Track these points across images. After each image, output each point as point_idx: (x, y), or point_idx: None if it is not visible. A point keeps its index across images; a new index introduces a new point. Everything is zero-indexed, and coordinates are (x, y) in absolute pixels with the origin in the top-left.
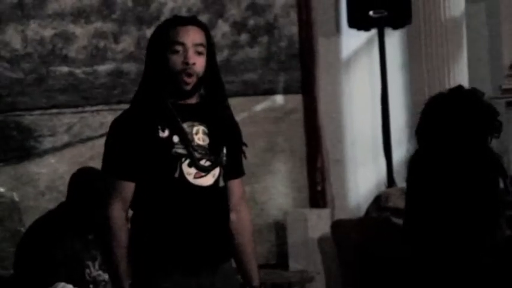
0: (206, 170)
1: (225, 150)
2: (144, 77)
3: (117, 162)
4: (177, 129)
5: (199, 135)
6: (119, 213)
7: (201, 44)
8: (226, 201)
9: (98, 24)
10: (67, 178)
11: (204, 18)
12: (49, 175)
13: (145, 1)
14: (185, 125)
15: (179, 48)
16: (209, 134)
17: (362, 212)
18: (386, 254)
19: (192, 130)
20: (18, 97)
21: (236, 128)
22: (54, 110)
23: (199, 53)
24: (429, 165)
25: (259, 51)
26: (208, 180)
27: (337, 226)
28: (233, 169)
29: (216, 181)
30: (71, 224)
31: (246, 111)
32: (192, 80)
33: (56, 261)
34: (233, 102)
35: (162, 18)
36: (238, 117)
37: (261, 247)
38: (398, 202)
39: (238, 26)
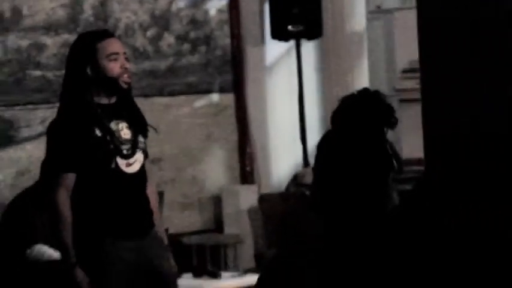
0: (130, 157)
1: (142, 139)
2: (76, 82)
3: (60, 158)
4: (107, 130)
5: (124, 131)
6: (64, 199)
7: (125, 52)
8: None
9: (66, 36)
10: (40, 161)
11: (153, 31)
12: (27, 159)
13: (104, 17)
14: (112, 124)
15: (115, 57)
16: (130, 128)
17: (283, 188)
18: (302, 222)
19: (118, 127)
20: (0, 96)
21: (144, 120)
22: (30, 106)
23: (126, 59)
24: (333, 146)
25: (198, 58)
26: (136, 167)
27: (263, 199)
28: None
29: (142, 166)
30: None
31: (188, 107)
32: (131, 79)
33: (35, 227)
34: (178, 100)
35: (118, 31)
36: (182, 112)
37: (201, 216)
38: (312, 180)
39: (181, 38)
